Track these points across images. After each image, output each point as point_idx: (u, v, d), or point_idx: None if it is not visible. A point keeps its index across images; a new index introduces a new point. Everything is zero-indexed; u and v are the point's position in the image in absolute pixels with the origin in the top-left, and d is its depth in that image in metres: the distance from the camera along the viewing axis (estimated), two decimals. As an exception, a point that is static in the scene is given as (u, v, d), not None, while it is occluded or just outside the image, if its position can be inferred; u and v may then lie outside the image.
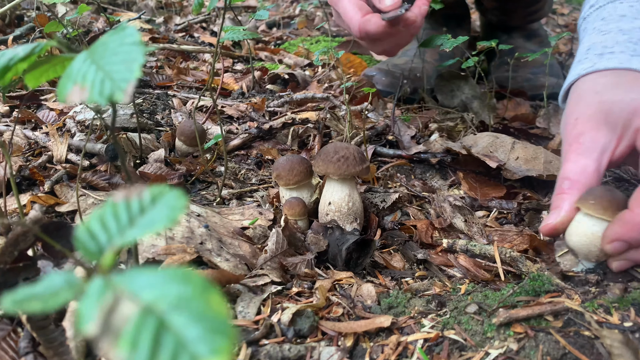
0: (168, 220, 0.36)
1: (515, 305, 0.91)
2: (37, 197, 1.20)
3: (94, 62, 0.57)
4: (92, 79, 0.55)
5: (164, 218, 0.36)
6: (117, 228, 0.37)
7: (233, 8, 4.08)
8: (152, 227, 0.36)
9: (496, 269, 1.13)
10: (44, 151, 1.50)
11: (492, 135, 1.60)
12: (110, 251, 0.35)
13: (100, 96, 0.53)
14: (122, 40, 0.58)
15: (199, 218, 1.17)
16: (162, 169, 1.45)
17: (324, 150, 1.24)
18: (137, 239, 0.37)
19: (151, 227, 0.36)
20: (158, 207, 0.38)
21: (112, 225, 0.37)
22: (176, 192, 0.38)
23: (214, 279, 0.92)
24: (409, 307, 0.95)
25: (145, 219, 0.37)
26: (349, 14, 1.35)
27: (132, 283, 0.31)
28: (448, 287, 1.06)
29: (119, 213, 0.38)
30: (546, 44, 2.38)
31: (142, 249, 1.01)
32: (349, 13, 1.35)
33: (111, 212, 0.38)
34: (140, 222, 0.37)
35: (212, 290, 0.30)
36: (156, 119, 1.83)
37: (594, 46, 1.16)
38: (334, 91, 2.17)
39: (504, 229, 1.29)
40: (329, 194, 1.25)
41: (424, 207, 1.41)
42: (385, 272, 1.13)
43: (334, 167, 1.21)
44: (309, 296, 1.01)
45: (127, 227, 0.37)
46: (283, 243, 1.13)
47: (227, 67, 2.65)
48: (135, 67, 0.54)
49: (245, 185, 1.49)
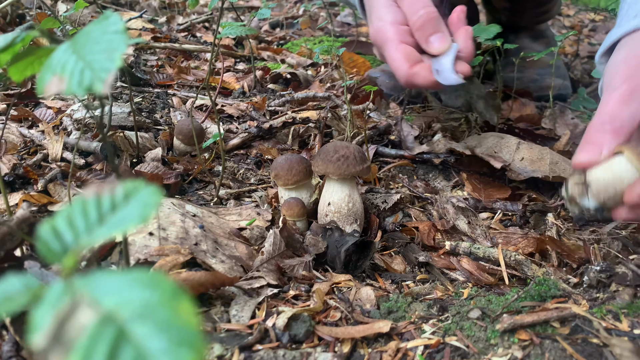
0: (139, 219, 0.33)
1: (520, 311, 0.87)
2: (29, 196, 1.18)
3: (75, 52, 0.54)
4: (71, 69, 0.52)
5: (135, 216, 0.33)
6: (85, 226, 0.34)
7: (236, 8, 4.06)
8: (122, 226, 0.33)
9: (500, 273, 1.10)
10: (40, 149, 1.48)
11: (497, 135, 1.57)
12: (73, 251, 0.32)
13: (79, 87, 0.50)
14: (105, 29, 0.55)
15: (194, 218, 1.14)
16: (159, 168, 1.42)
17: (323, 150, 1.21)
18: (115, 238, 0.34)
19: (121, 225, 0.33)
20: (131, 204, 0.35)
21: (79, 223, 0.34)
22: (151, 188, 0.35)
23: (207, 282, 0.88)
24: (409, 312, 0.92)
25: (116, 216, 0.34)
26: (395, 62, 1.27)
27: (94, 287, 0.28)
28: (450, 291, 1.03)
29: (89, 210, 0.34)
30: (553, 44, 2.34)
31: (134, 250, 0.98)
32: (395, 62, 1.27)
33: (80, 209, 0.35)
34: (110, 220, 0.34)
35: (182, 296, 0.27)
36: (155, 118, 1.81)
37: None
38: (336, 91, 2.14)
39: (508, 231, 1.25)
40: (328, 194, 1.22)
41: (427, 209, 1.37)
42: (386, 275, 1.10)
43: (334, 166, 1.17)
44: (306, 299, 0.97)
45: (96, 225, 0.33)
46: (280, 244, 1.10)
47: (228, 66, 2.62)
48: (117, 56, 0.51)
49: (244, 185, 1.45)
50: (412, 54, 1.28)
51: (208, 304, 0.92)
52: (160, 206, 1.12)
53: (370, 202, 1.33)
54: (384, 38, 1.30)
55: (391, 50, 1.28)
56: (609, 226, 1.25)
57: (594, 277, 1.00)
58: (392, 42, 1.28)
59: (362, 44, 3.00)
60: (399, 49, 1.27)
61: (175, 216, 1.10)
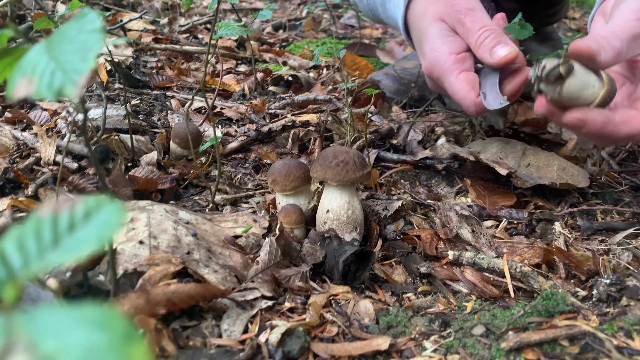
0: (98, 241, 0.29)
1: (527, 328, 0.83)
2: (18, 202, 1.14)
3: (48, 52, 0.50)
4: (41, 71, 0.48)
5: (93, 238, 0.29)
6: (38, 250, 0.30)
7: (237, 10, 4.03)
8: (78, 250, 0.29)
9: (505, 285, 1.05)
10: (32, 153, 1.44)
11: (502, 140, 1.52)
12: (16, 281, 0.28)
13: (48, 89, 0.46)
14: (81, 27, 0.51)
15: (187, 225, 1.10)
16: (154, 173, 1.38)
17: (322, 155, 1.17)
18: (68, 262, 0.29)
19: (77, 249, 0.29)
20: (91, 223, 0.31)
21: (31, 246, 0.30)
22: (115, 206, 0.31)
23: (197, 294, 0.84)
24: (409, 327, 0.87)
25: (73, 238, 0.30)
26: (460, 93, 1.25)
27: (35, 327, 0.24)
28: (453, 304, 0.98)
29: (43, 231, 0.30)
30: (559, 47, 2.30)
31: (123, 259, 0.94)
32: (460, 92, 1.25)
33: (33, 229, 0.31)
34: (65, 243, 0.30)
35: (135, 339, 0.23)
36: (152, 121, 1.77)
37: None
38: (338, 93, 2.10)
39: (514, 240, 1.20)
40: (327, 201, 1.17)
41: (429, 216, 1.33)
42: (386, 286, 1.05)
43: (333, 172, 1.13)
44: (302, 312, 0.93)
45: (50, 248, 0.30)
46: (276, 253, 1.06)
47: (229, 68, 2.59)
48: (90, 57, 0.47)
49: (241, 190, 1.41)
50: (475, 81, 1.26)
51: (199, 316, 0.88)
52: (152, 213, 1.08)
53: (371, 209, 1.28)
54: (441, 70, 1.28)
55: (452, 82, 1.26)
56: (619, 236, 1.21)
57: (604, 291, 0.95)
58: (452, 73, 1.26)
59: (366, 46, 2.96)
60: (460, 79, 1.25)
61: (167, 223, 1.06)
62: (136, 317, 0.77)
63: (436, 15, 1.34)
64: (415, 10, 1.44)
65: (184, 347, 0.81)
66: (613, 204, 1.40)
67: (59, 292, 0.81)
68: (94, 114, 1.59)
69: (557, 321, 0.84)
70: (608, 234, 1.25)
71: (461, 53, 1.29)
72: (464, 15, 1.27)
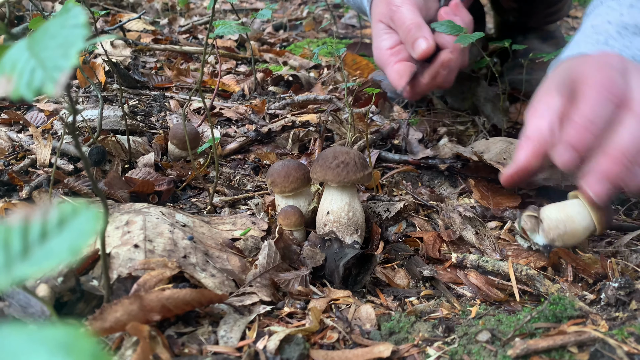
0: (70, 251, 0.26)
1: (534, 334, 0.80)
2: (10, 204, 1.12)
3: (29, 48, 0.48)
4: (21, 68, 0.45)
5: (65, 248, 0.26)
6: (5, 261, 0.27)
7: (238, 10, 4.01)
8: (49, 261, 0.26)
9: (510, 288, 1.02)
10: (28, 154, 1.42)
11: (506, 140, 1.49)
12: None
13: (27, 88, 0.43)
14: (64, 22, 0.48)
15: (184, 228, 1.07)
16: (151, 174, 1.35)
17: (322, 155, 1.14)
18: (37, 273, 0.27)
19: (48, 260, 0.26)
20: (65, 232, 0.28)
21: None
22: (91, 213, 0.29)
23: (193, 300, 0.82)
24: (412, 333, 0.85)
25: (44, 248, 0.27)
26: (393, 82, 1.46)
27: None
28: (457, 308, 0.95)
29: (11, 240, 0.28)
30: (562, 46, 2.26)
31: (117, 263, 0.91)
32: (393, 82, 1.46)
33: (2, 238, 0.28)
34: (35, 253, 0.27)
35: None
36: (150, 121, 1.75)
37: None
38: (338, 93, 2.07)
39: (518, 242, 1.18)
40: (327, 202, 1.15)
41: (432, 218, 1.30)
42: (388, 290, 1.03)
43: (333, 173, 1.10)
44: (301, 317, 0.90)
45: (18, 259, 0.27)
46: (275, 257, 1.03)
47: (229, 68, 2.56)
48: (72, 53, 0.44)
49: (240, 192, 1.39)
50: (405, 70, 1.44)
51: (195, 323, 0.85)
52: (148, 215, 1.06)
53: (372, 210, 1.26)
54: (383, 64, 1.50)
55: (389, 72, 1.47)
56: (627, 237, 1.18)
57: (612, 295, 0.92)
58: (389, 65, 1.47)
59: (366, 45, 2.93)
60: (394, 69, 1.46)
61: (163, 226, 1.03)
62: (129, 323, 0.75)
63: (377, 17, 1.53)
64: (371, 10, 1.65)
65: (179, 355, 0.78)
66: (619, 205, 1.37)
67: (50, 298, 0.79)
68: (90, 115, 1.56)
69: (565, 327, 0.81)
70: (615, 236, 1.22)
71: (395, 47, 1.48)
72: (393, 12, 1.45)
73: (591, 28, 1.22)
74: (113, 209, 1.14)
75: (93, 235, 0.27)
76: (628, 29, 1.16)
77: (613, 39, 1.16)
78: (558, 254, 1.07)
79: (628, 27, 1.16)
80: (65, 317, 0.82)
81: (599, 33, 1.19)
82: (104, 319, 0.73)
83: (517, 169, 1.07)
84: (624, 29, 1.16)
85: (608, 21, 1.20)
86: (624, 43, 1.15)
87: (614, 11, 1.21)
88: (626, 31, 1.16)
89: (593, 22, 1.23)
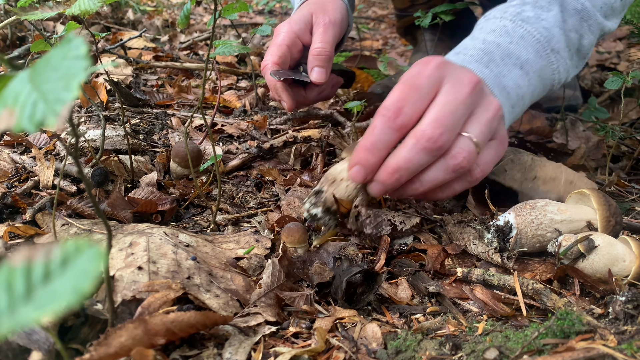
0: (74, 292, 0.26)
1: (542, 350, 0.79)
2: (15, 228, 1.12)
3: (31, 80, 0.48)
4: (23, 101, 0.45)
5: (69, 289, 0.26)
6: (8, 303, 0.27)
7: (237, 25, 4.03)
8: (53, 303, 0.26)
9: (517, 303, 1.01)
10: (31, 176, 1.42)
11: (509, 150, 1.49)
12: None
13: (30, 122, 0.43)
14: (65, 54, 0.49)
15: (187, 249, 1.07)
16: (154, 194, 1.35)
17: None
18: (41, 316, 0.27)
19: (52, 301, 0.26)
20: (68, 272, 0.28)
21: (2, 299, 0.27)
22: (93, 251, 0.29)
23: (198, 323, 0.81)
24: (419, 352, 0.84)
25: (48, 289, 0.27)
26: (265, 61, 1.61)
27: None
28: (463, 325, 0.95)
29: (15, 282, 0.28)
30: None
31: (121, 286, 0.91)
32: (264, 61, 1.61)
33: (5, 280, 0.28)
34: (39, 295, 0.27)
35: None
36: (152, 140, 1.75)
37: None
38: (339, 107, 2.08)
39: (524, 256, 1.17)
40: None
41: (436, 232, 1.30)
42: (393, 307, 1.02)
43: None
44: (307, 337, 0.90)
45: (22, 301, 0.27)
46: (280, 275, 1.03)
47: (230, 84, 2.58)
48: (74, 85, 0.44)
49: (243, 209, 1.39)
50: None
51: (200, 345, 0.85)
52: (152, 236, 1.06)
53: (387, 217, 1.23)
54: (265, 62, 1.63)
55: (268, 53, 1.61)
56: (633, 248, 1.17)
57: (620, 309, 0.91)
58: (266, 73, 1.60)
59: (366, 58, 2.95)
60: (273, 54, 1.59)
61: (167, 247, 1.03)
62: (134, 348, 0.74)
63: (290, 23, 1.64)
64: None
65: (184, 379, 0.77)
66: (624, 215, 1.36)
67: (55, 324, 0.78)
68: (92, 135, 1.57)
69: (574, 342, 0.80)
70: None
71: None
72: (314, 27, 1.58)
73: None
74: (116, 230, 1.14)
75: (97, 275, 0.27)
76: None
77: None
78: (563, 267, 1.06)
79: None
80: (70, 342, 0.82)
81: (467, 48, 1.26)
82: (109, 345, 0.73)
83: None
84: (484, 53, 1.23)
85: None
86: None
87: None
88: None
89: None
